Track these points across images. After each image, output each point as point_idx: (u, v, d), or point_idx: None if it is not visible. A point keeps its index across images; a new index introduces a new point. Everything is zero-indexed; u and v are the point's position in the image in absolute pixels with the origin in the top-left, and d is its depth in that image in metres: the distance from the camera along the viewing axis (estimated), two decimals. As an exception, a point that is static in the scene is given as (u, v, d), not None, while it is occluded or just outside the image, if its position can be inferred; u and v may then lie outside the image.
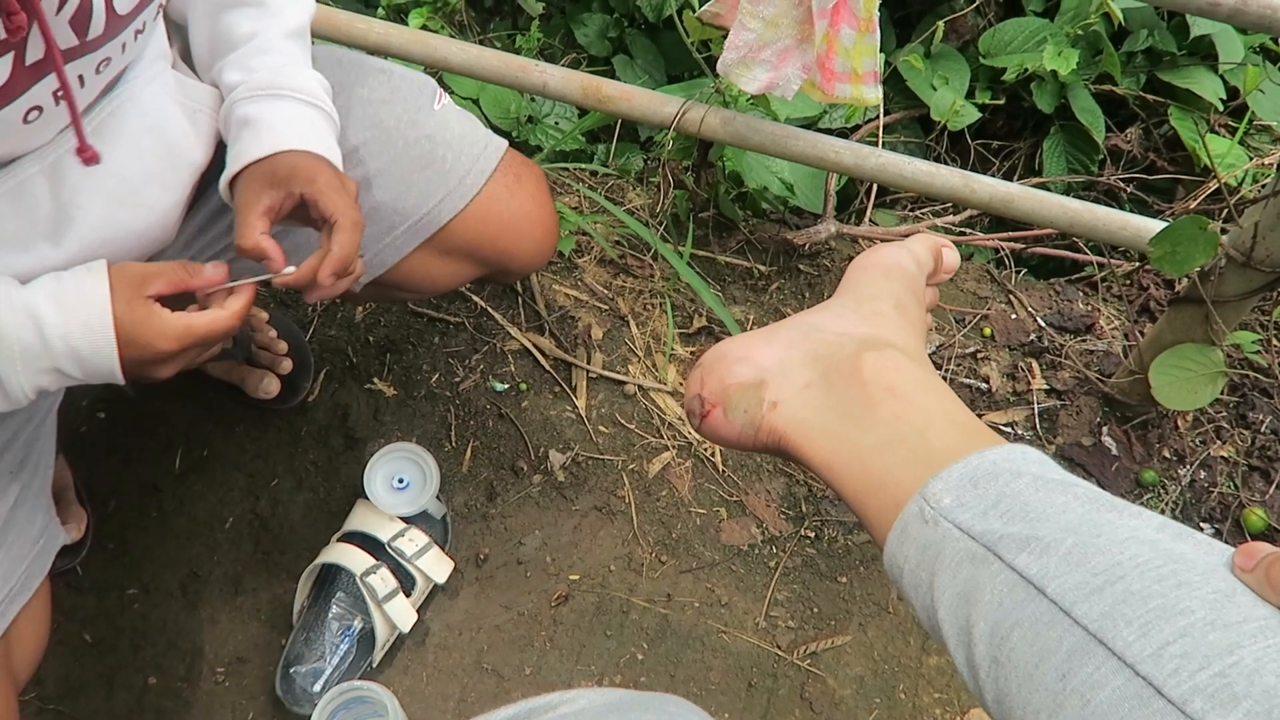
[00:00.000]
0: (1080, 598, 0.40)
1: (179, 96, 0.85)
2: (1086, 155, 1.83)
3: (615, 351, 1.44)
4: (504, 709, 0.56)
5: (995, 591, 0.43)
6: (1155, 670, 0.37)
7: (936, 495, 0.47)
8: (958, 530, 0.45)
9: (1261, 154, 1.72)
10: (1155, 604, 0.38)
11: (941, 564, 0.45)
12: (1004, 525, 0.44)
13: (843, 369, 0.54)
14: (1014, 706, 0.41)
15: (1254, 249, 1.13)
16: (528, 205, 1.05)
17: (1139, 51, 1.83)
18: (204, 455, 1.34)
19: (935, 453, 0.49)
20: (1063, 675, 0.39)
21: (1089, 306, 1.57)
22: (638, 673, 1.20)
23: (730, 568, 1.29)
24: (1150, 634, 0.38)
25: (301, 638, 1.18)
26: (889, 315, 0.58)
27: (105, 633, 1.21)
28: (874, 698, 1.20)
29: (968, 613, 0.44)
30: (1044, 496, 0.45)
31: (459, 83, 1.75)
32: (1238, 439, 1.43)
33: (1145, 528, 0.42)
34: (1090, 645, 0.39)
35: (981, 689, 0.43)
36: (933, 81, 1.78)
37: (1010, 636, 0.41)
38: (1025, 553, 0.43)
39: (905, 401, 0.52)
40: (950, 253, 0.64)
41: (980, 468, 0.47)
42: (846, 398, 0.53)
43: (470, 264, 1.05)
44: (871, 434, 0.51)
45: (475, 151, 1.00)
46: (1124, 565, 0.40)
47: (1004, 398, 1.46)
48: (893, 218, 1.76)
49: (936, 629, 0.46)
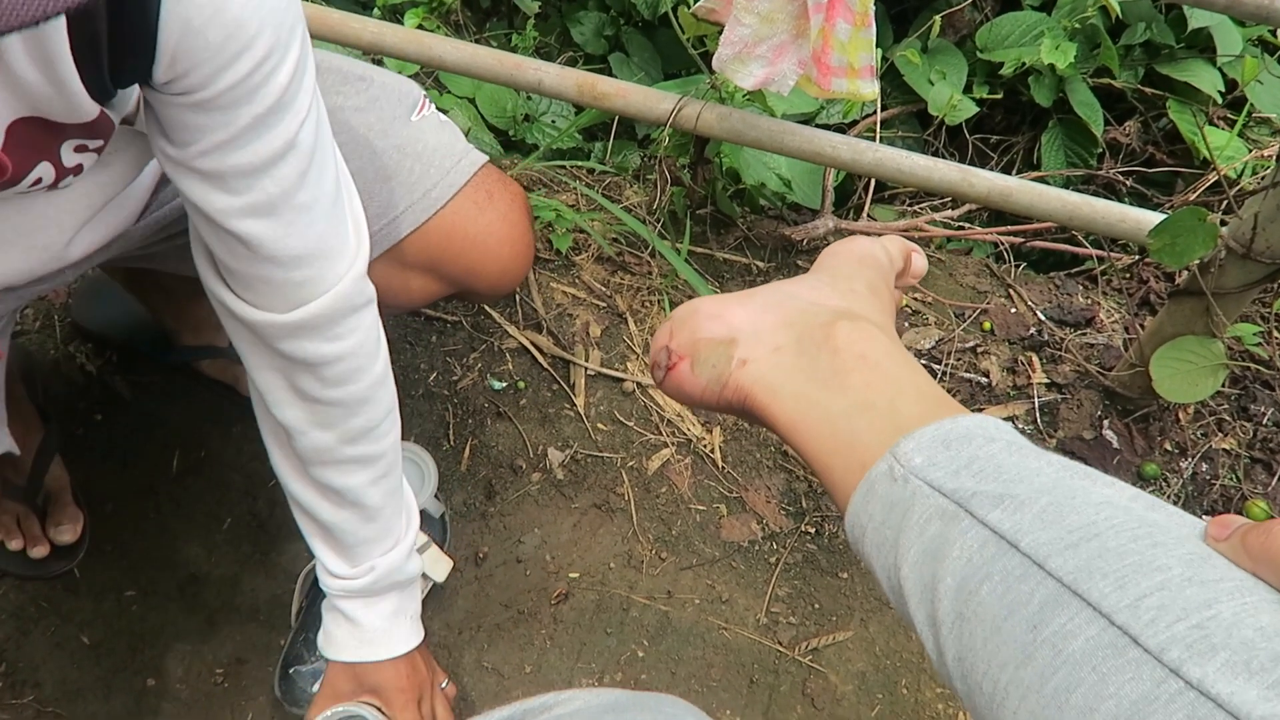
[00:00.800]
0: (1055, 552, 0.39)
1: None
2: (1085, 149, 1.83)
3: (613, 349, 1.44)
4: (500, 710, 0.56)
5: (965, 547, 0.42)
6: (1132, 620, 0.36)
7: (907, 454, 0.46)
8: (928, 487, 0.45)
9: (1260, 146, 1.72)
10: (1132, 560, 0.38)
11: (909, 521, 0.44)
12: (977, 484, 0.44)
13: (816, 335, 0.53)
14: (977, 662, 0.40)
15: (1254, 240, 1.13)
16: (497, 224, 1.03)
17: (1137, 44, 1.82)
18: (201, 456, 1.33)
19: (905, 418, 0.48)
20: (1034, 626, 0.38)
21: (1089, 300, 1.57)
22: (638, 670, 1.20)
23: (731, 564, 1.28)
24: (1127, 586, 0.37)
25: (301, 638, 1.18)
26: (863, 294, 0.58)
27: (103, 635, 1.21)
28: (876, 693, 1.20)
29: (934, 569, 0.43)
30: (1017, 460, 0.44)
31: (455, 82, 1.75)
32: (1239, 431, 1.42)
33: (1119, 496, 0.42)
34: (1064, 596, 0.38)
35: (942, 647, 0.42)
36: (930, 76, 1.78)
37: (979, 591, 0.41)
38: (999, 509, 0.42)
39: (877, 370, 0.51)
40: (919, 257, 0.64)
41: (953, 431, 0.46)
42: (818, 362, 0.52)
43: (435, 280, 1.04)
44: (841, 398, 0.50)
45: (446, 165, 0.99)
46: (1099, 524, 0.40)
47: (1004, 392, 1.45)
48: (891, 213, 1.76)
49: (898, 588, 0.45)
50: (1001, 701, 0.38)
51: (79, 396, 1.36)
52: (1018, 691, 0.38)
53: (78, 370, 1.38)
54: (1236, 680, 0.33)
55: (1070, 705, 0.36)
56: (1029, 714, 0.37)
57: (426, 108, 1.00)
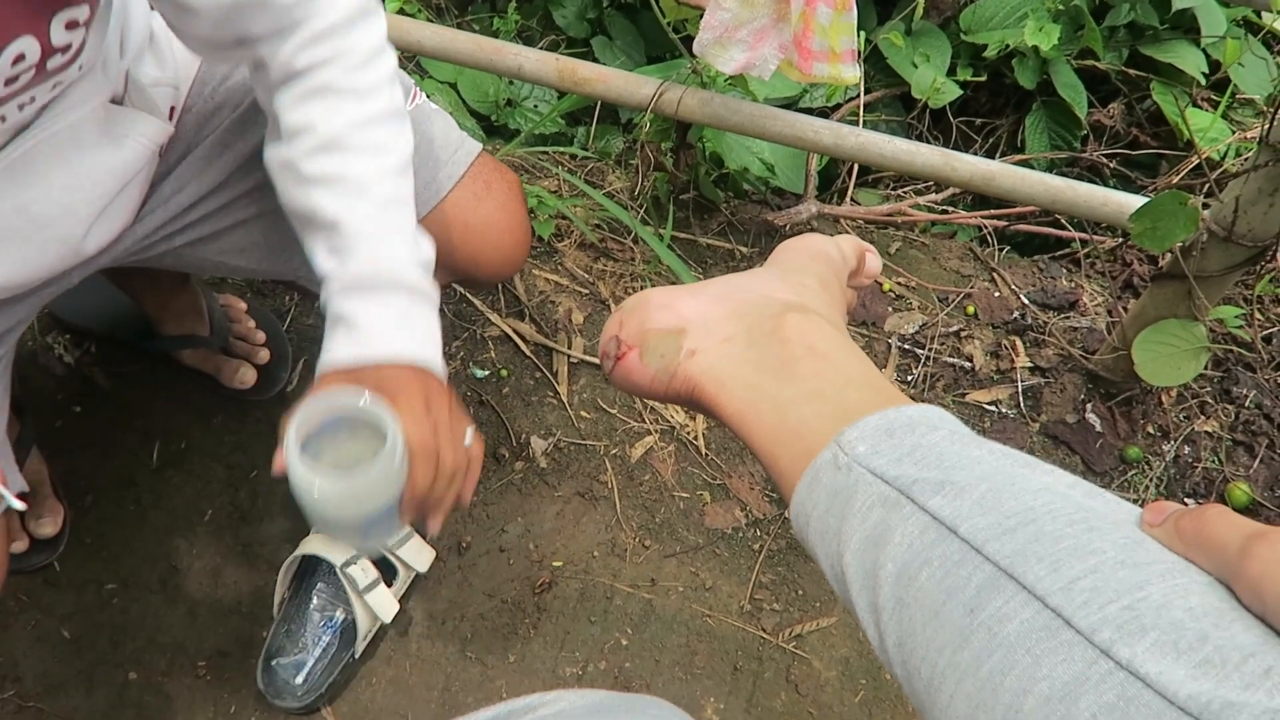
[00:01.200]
0: (992, 537, 0.40)
1: (105, 127, 0.81)
2: (1069, 131, 1.82)
3: (596, 336, 1.43)
4: (484, 710, 0.55)
5: (906, 533, 0.42)
6: (1065, 602, 0.36)
7: (851, 443, 0.46)
8: (871, 475, 0.45)
9: (1244, 127, 1.72)
10: (1067, 544, 0.38)
11: (852, 508, 0.45)
12: (918, 471, 0.44)
13: (765, 326, 0.53)
14: (916, 646, 0.40)
15: (1235, 224, 1.12)
16: (496, 214, 1.02)
17: (1121, 26, 1.82)
18: (182, 448, 1.32)
19: (852, 407, 0.49)
20: (971, 610, 0.39)
21: (1072, 283, 1.57)
22: (622, 659, 1.20)
23: (714, 551, 1.28)
24: (1061, 570, 0.37)
25: (283, 630, 1.17)
26: (814, 288, 0.58)
27: (84, 629, 1.20)
28: (859, 679, 1.20)
29: (875, 555, 0.43)
30: (959, 449, 0.45)
31: (436, 67, 1.73)
32: (1221, 414, 1.43)
33: (1058, 483, 0.43)
34: (1001, 580, 0.39)
35: (883, 633, 0.42)
36: (913, 59, 1.77)
37: (919, 576, 0.41)
38: (939, 496, 0.42)
39: (825, 361, 0.51)
40: (873, 258, 0.64)
41: (897, 420, 0.47)
42: (767, 353, 0.52)
43: (436, 270, 1.03)
44: (789, 388, 0.51)
45: (444, 156, 0.98)
46: (1036, 510, 0.40)
47: (988, 376, 1.45)
48: (875, 197, 1.75)
49: (841, 576, 0.45)
50: (939, 686, 0.39)
51: (58, 388, 1.35)
52: (954, 675, 0.38)
53: (56, 361, 1.36)
54: (1165, 660, 0.34)
55: (1005, 687, 0.36)
56: (965, 697, 0.38)
57: (419, 97, 0.99)
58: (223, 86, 0.92)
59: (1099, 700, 0.34)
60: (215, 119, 0.93)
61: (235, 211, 0.93)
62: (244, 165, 0.92)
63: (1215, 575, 0.37)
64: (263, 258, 0.96)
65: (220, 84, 0.92)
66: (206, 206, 0.93)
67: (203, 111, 0.92)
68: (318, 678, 1.14)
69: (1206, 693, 0.32)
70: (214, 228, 0.94)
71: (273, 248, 0.96)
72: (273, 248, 0.96)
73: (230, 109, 0.92)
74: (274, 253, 0.96)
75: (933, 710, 0.40)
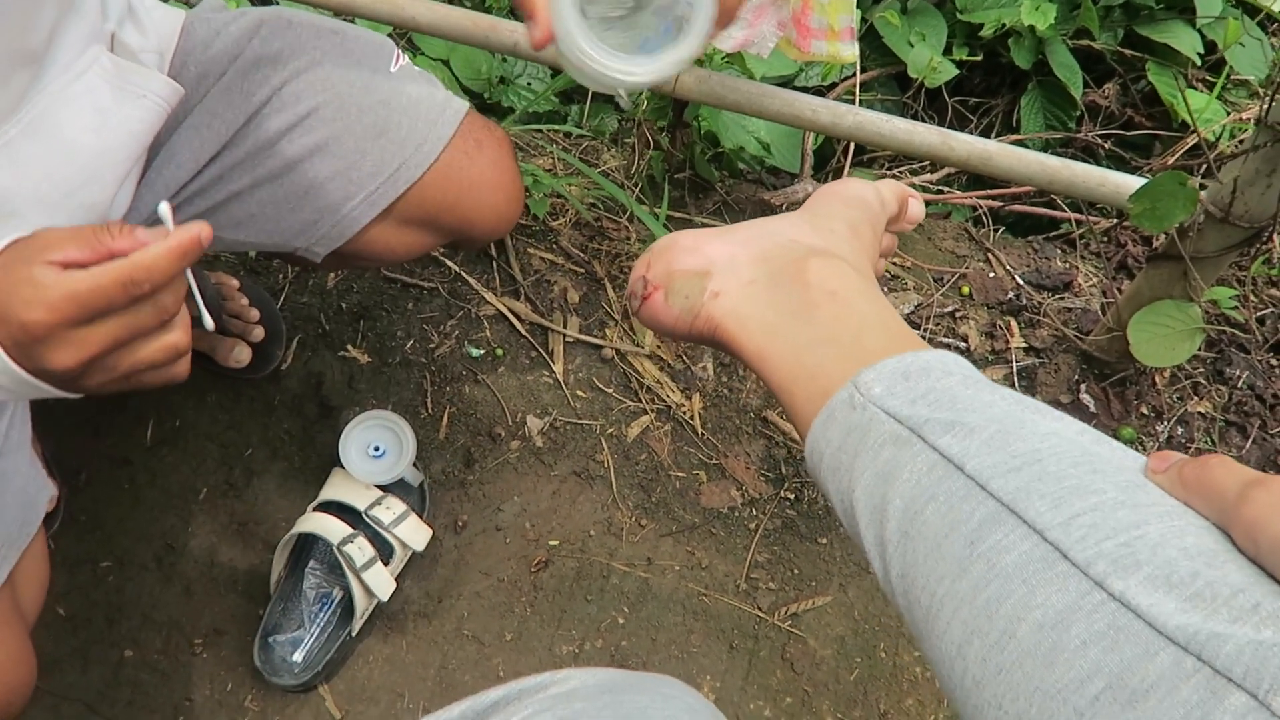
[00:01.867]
0: (997, 474, 0.41)
1: (118, 83, 0.80)
2: (1064, 111, 1.82)
3: (592, 315, 1.43)
4: (494, 689, 0.55)
5: (914, 470, 0.44)
6: (1063, 537, 0.38)
7: (868, 384, 0.48)
8: (885, 414, 0.46)
9: (1239, 109, 1.72)
10: (1070, 483, 0.40)
11: (865, 445, 0.46)
12: (930, 411, 0.45)
13: (788, 270, 0.55)
14: (918, 577, 0.42)
15: (1233, 204, 1.13)
16: (488, 171, 1.02)
17: (1117, 6, 1.81)
18: (176, 426, 1.32)
19: (869, 351, 0.50)
20: (971, 542, 0.40)
21: (1067, 264, 1.57)
22: (619, 637, 1.20)
23: (710, 530, 1.28)
24: (1061, 507, 0.39)
25: (279, 608, 1.17)
26: (842, 234, 0.59)
27: (79, 607, 1.20)
28: (855, 657, 1.21)
29: (884, 490, 0.44)
30: (972, 393, 0.46)
31: (428, 43, 1.72)
32: (1215, 395, 1.43)
33: (1066, 429, 0.44)
34: (1002, 514, 0.40)
35: (888, 565, 0.44)
36: (910, 38, 1.76)
37: (924, 510, 0.42)
38: (949, 435, 0.44)
39: (845, 305, 0.53)
40: (916, 203, 0.65)
41: (914, 364, 0.48)
42: (789, 296, 0.54)
43: (430, 232, 1.03)
44: (809, 330, 0.52)
45: (432, 116, 0.97)
46: (1042, 452, 0.41)
47: (983, 356, 1.45)
48: (870, 176, 1.74)
49: (850, 510, 0.47)
50: (937, 613, 0.40)
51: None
52: (952, 603, 0.39)
53: (47, 339, 1.35)
54: (1156, 593, 0.35)
55: (1000, 614, 0.37)
56: (961, 624, 0.39)
57: (401, 59, 0.99)
58: (205, 55, 0.91)
59: (1090, 628, 0.35)
60: (201, 88, 0.92)
61: (230, 183, 0.92)
62: (236, 134, 0.91)
63: (1214, 520, 0.39)
64: (260, 229, 0.96)
65: (203, 52, 0.91)
66: (201, 180, 0.92)
67: (188, 82, 0.91)
68: (315, 655, 1.15)
69: (1194, 624, 0.33)
70: (210, 202, 0.93)
71: (270, 218, 0.95)
72: (270, 218, 0.95)
73: (215, 77, 0.91)
74: (271, 223, 0.95)
75: (930, 637, 0.41)
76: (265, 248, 1.00)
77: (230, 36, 0.91)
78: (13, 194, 0.75)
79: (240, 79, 0.90)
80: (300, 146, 0.92)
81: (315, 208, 0.95)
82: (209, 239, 0.64)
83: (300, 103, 0.92)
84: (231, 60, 0.91)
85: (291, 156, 0.92)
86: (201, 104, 0.90)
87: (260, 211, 0.95)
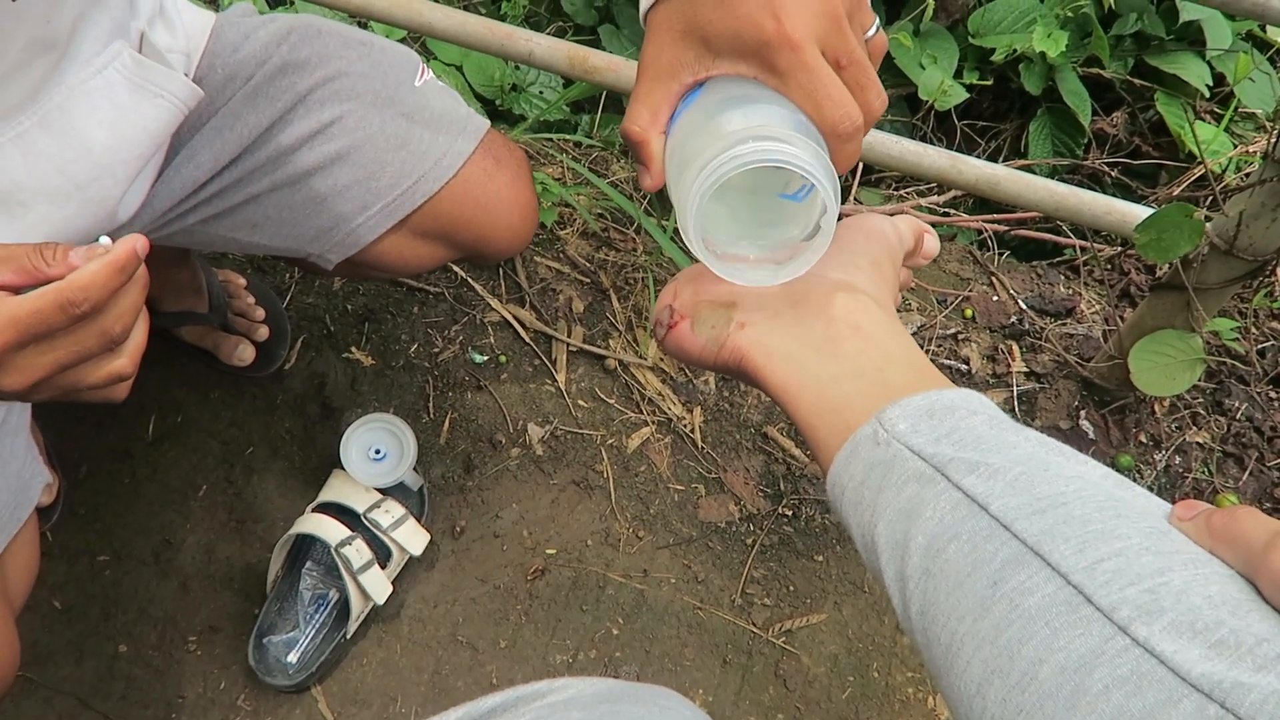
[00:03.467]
0: (1022, 516, 0.41)
1: (138, 81, 0.81)
2: (1072, 138, 1.83)
3: (596, 325, 1.43)
4: (491, 696, 0.56)
5: (938, 508, 0.44)
6: (1087, 581, 0.38)
7: (892, 420, 0.48)
8: (909, 451, 0.46)
9: (1246, 141, 1.73)
10: (1095, 528, 0.40)
11: (888, 481, 0.47)
12: (955, 451, 0.45)
13: (813, 304, 0.55)
14: (938, 614, 0.42)
15: (1237, 237, 1.13)
16: (506, 189, 1.02)
17: (1128, 35, 1.82)
18: (178, 422, 1.32)
19: (893, 387, 0.50)
20: (994, 583, 0.40)
21: (1070, 290, 1.57)
22: (613, 648, 1.20)
23: (707, 544, 1.28)
24: (1086, 551, 0.39)
25: (275, 608, 1.17)
26: (865, 268, 0.60)
27: (75, 599, 1.20)
28: (848, 676, 1.21)
29: (907, 527, 0.45)
30: (997, 433, 0.46)
31: (442, 49, 1.73)
32: (1213, 425, 1.44)
33: (1091, 473, 0.44)
34: (1026, 556, 0.40)
35: (908, 601, 0.44)
36: (921, 60, 1.77)
37: (947, 549, 0.42)
38: (973, 475, 0.44)
39: (870, 341, 0.53)
40: (931, 238, 0.66)
41: (939, 402, 0.48)
42: (813, 330, 0.54)
43: (445, 247, 1.03)
44: (833, 364, 0.52)
45: (454, 132, 0.98)
46: (1067, 495, 0.42)
47: (984, 379, 1.46)
48: (877, 196, 1.75)
49: (872, 545, 0.47)
50: (957, 651, 0.40)
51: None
52: (973, 642, 0.40)
53: (53, 331, 1.36)
54: (1180, 640, 0.35)
55: (1021, 656, 0.38)
56: (982, 663, 0.39)
57: (426, 73, 0.99)
58: (233, 58, 0.92)
59: (1113, 673, 0.35)
60: (226, 90, 0.92)
61: (248, 186, 0.93)
62: (258, 138, 0.92)
63: (1240, 570, 0.39)
64: (275, 233, 0.96)
65: (231, 55, 0.92)
66: (220, 182, 0.92)
67: (214, 84, 0.92)
68: (309, 657, 1.15)
69: (1219, 673, 0.33)
70: (227, 203, 0.93)
71: (286, 222, 0.95)
72: (286, 222, 0.95)
73: (242, 80, 0.92)
74: (287, 227, 0.96)
75: (949, 675, 0.41)
76: (278, 252, 1.00)
77: (259, 41, 0.92)
78: (23, 184, 0.75)
79: (266, 84, 0.91)
80: (320, 154, 0.93)
81: (331, 215, 0.95)
82: (145, 249, 0.63)
83: (324, 110, 0.92)
84: (259, 65, 0.91)
85: (311, 163, 0.93)
86: (226, 106, 0.91)
87: (276, 215, 0.95)
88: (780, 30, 0.52)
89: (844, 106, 0.53)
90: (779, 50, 0.53)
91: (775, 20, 0.52)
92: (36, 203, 0.76)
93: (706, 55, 0.56)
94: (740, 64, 0.55)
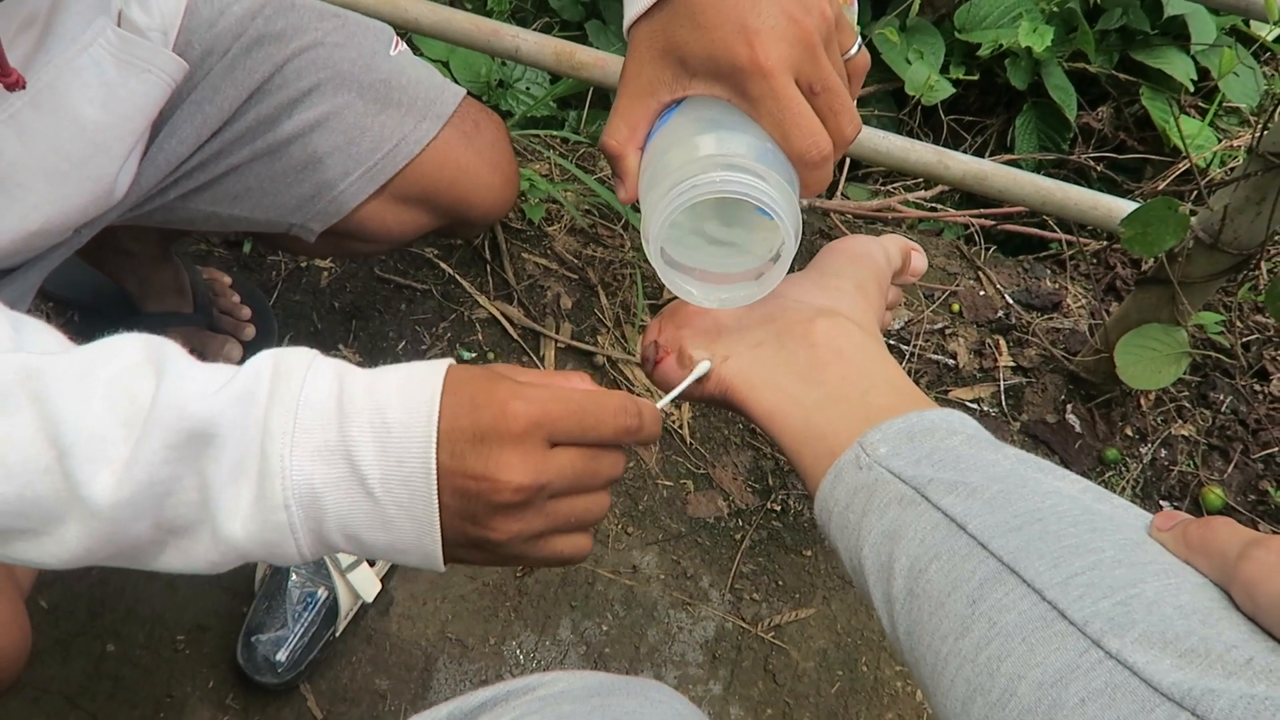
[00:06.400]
0: (999, 534, 0.42)
1: (124, 57, 0.81)
2: (1058, 133, 1.84)
3: (584, 321, 1.43)
4: (481, 690, 0.56)
5: (919, 529, 0.45)
6: (1061, 596, 0.39)
7: (874, 444, 0.49)
8: (890, 475, 0.48)
9: (1230, 136, 1.74)
10: (1069, 543, 0.41)
11: (871, 505, 0.48)
12: (935, 472, 0.46)
13: (795, 331, 0.56)
14: (923, 635, 0.43)
15: (1222, 231, 1.14)
16: (486, 151, 1.03)
17: (1113, 30, 1.83)
18: (164, 420, 1.31)
19: (875, 410, 0.51)
20: (973, 601, 0.41)
21: (1056, 284, 1.58)
22: (602, 644, 1.21)
23: (696, 540, 1.29)
24: (1061, 566, 0.40)
25: (264, 606, 1.17)
26: (849, 292, 0.61)
27: (62, 598, 1.19)
28: (837, 670, 1.21)
29: (890, 549, 0.46)
30: (976, 452, 0.47)
31: (429, 45, 1.72)
32: (1199, 418, 1.45)
33: (1069, 488, 0.45)
34: (1003, 574, 0.41)
35: (895, 623, 0.45)
36: (908, 55, 1.77)
37: (929, 569, 0.43)
38: (952, 495, 0.45)
39: (852, 365, 0.54)
40: (919, 256, 0.67)
41: (918, 424, 0.49)
42: (796, 357, 0.55)
43: (426, 212, 1.04)
44: (816, 390, 0.54)
45: (432, 96, 0.99)
46: (1043, 511, 0.43)
47: (971, 374, 1.46)
48: (864, 192, 1.76)
49: (859, 568, 0.48)
50: (941, 670, 0.41)
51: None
52: (955, 660, 0.40)
53: (37, 330, 1.35)
54: (1151, 650, 0.36)
55: (1001, 673, 0.38)
56: (964, 681, 0.40)
57: (400, 45, 1.01)
58: (209, 33, 0.92)
59: (1088, 686, 0.36)
60: (204, 65, 0.92)
61: (229, 157, 0.93)
62: (237, 110, 0.92)
63: (1214, 579, 0.39)
64: (257, 204, 0.96)
65: (207, 30, 0.92)
66: (202, 155, 0.92)
67: (191, 59, 0.92)
68: (298, 655, 1.14)
69: (1189, 680, 0.34)
70: (209, 175, 0.93)
71: (267, 193, 0.96)
72: (267, 193, 0.96)
73: (219, 55, 0.92)
74: (269, 198, 0.96)
75: (936, 694, 0.42)
76: (260, 226, 1.00)
77: (234, 16, 0.92)
78: (19, 166, 0.75)
79: (243, 56, 0.91)
80: (300, 121, 0.93)
81: (313, 182, 0.96)
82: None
83: (302, 79, 0.93)
84: (235, 38, 0.92)
85: (291, 131, 0.93)
86: (205, 81, 0.91)
87: (258, 186, 0.95)
88: (753, 57, 0.53)
89: (812, 135, 0.54)
90: (751, 77, 0.54)
91: (749, 47, 0.53)
92: (35, 183, 0.77)
93: (683, 75, 0.57)
94: (715, 86, 0.56)
